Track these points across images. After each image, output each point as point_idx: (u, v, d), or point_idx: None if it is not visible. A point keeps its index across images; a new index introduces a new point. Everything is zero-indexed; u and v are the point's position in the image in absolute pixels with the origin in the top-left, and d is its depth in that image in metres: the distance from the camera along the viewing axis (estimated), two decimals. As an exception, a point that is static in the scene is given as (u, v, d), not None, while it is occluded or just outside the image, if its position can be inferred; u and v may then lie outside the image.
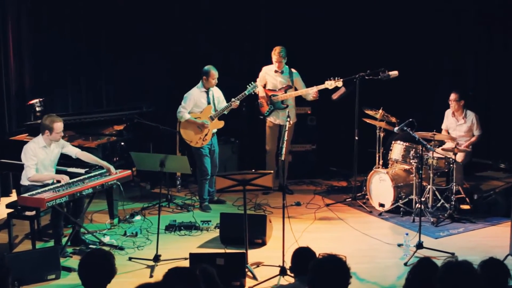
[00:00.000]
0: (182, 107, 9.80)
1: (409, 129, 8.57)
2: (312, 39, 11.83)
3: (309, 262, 4.57)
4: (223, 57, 11.57)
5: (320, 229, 9.10)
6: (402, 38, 11.81)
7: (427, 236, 8.50)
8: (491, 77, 11.87)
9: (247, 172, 7.47)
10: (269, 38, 11.45)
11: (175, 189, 10.93)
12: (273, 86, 10.50)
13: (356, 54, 11.54)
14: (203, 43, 11.82)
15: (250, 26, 11.97)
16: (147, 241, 8.51)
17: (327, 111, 11.57)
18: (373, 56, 11.35)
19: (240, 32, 11.95)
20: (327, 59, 11.63)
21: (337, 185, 11.51)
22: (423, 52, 11.84)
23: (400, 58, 11.28)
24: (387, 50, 11.60)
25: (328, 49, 11.80)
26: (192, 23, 11.77)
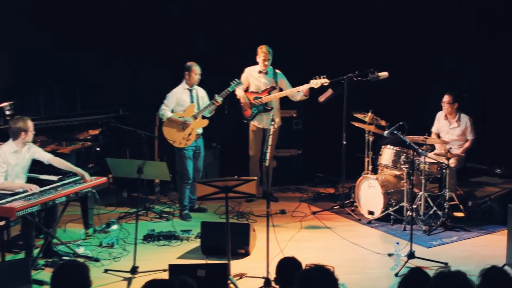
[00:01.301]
0: (165, 105, 9.80)
1: (400, 133, 8.57)
2: (297, 39, 11.84)
3: (295, 273, 4.56)
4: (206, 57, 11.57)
5: (307, 238, 9.09)
6: (392, 38, 11.86)
7: (419, 245, 8.52)
8: (486, 80, 11.95)
9: (230, 178, 7.44)
10: (252, 37, 11.44)
11: (153, 197, 10.90)
12: (256, 88, 10.50)
13: (344, 55, 11.55)
14: (186, 43, 11.83)
15: (231, 25, 11.98)
16: (124, 252, 8.47)
17: (313, 114, 11.58)
18: (362, 56, 11.37)
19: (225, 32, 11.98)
20: (313, 59, 11.65)
21: (324, 192, 11.53)
22: (414, 53, 11.89)
23: (390, 58, 11.30)
24: (377, 51, 11.63)
25: (314, 49, 11.82)
26: (171, 24, 11.77)
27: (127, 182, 10.70)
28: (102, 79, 11.61)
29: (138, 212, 8.47)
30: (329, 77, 10.01)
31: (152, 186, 10.90)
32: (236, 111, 10.74)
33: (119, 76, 11.62)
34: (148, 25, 11.63)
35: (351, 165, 10.34)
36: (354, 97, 10.08)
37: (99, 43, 11.51)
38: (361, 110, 10.06)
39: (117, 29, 11.53)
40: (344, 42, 11.82)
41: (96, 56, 11.55)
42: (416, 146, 8.54)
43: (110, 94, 11.52)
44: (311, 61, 11.60)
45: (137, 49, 11.62)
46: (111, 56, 11.56)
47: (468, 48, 11.98)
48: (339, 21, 11.88)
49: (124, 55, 11.58)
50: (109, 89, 11.56)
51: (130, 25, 11.56)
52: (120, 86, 11.62)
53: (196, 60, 9.94)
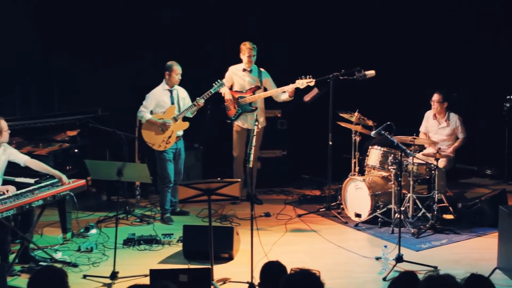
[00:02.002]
0: (144, 106, 9.75)
1: (387, 133, 8.58)
2: (282, 37, 11.85)
3: (280, 277, 4.55)
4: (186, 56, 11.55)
5: (292, 242, 9.08)
6: (379, 35, 11.90)
7: (407, 248, 8.53)
8: (476, 79, 12.01)
9: (212, 180, 7.42)
10: (234, 36, 11.43)
11: (134, 200, 10.88)
12: (240, 87, 10.49)
13: (330, 53, 11.57)
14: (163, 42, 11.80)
15: (214, 24, 11.97)
16: (104, 257, 8.43)
17: (298, 114, 11.59)
18: (348, 55, 11.39)
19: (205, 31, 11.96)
20: (298, 58, 11.66)
21: (309, 194, 11.54)
22: (402, 51, 11.92)
23: (377, 56, 11.34)
24: (363, 49, 11.66)
25: (299, 47, 11.83)
26: (152, 22, 11.75)
27: (106, 185, 10.69)
28: (80, 78, 11.57)
29: (118, 215, 8.43)
30: (314, 76, 10.00)
31: (132, 189, 10.87)
32: (219, 111, 10.73)
33: (98, 76, 11.55)
34: (129, 24, 11.60)
35: (337, 166, 10.36)
36: (340, 96, 10.07)
37: (76, 42, 11.47)
38: (348, 109, 10.06)
39: (96, 28, 11.50)
40: (330, 40, 11.85)
41: (74, 55, 11.51)
42: (404, 147, 8.56)
43: (89, 94, 11.47)
44: (296, 60, 11.62)
45: (117, 48, 11.58)
46: (89, 55, 11.52)
47: (453, 48, 12.06)
48: (325, 19, 11.91)
49: (103, 54, 11.54)
50: (87, 89, 11.51)
51: (110, 24, 11.52)
52: (99, 85, 11.55)
53: (177, 59, 9.91)
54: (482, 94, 12.07)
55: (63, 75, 11.63)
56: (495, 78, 11.97)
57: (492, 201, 9.50)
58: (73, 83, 11.60)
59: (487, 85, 12.02)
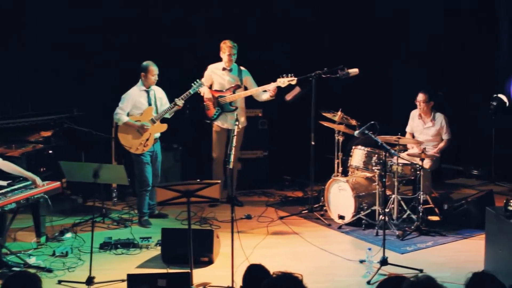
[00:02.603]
0: (120, 108, 9.68)
1: (371, 133, 8.58)
2: (263, 35, 11.85)
3: (262, 281, 4.54)
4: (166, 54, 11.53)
5: (274, 245, 9.08)
6: (363, 33, 11.92)
7: (392, 251, 8.55)
8: (461, 77, 12.06)
9: (192, 182, 7.41)
10: (214, 33, 11.42)
11: (110, 203, 10.83)
12: (220, 86, 10.48)
13: (312, 51, 11.58)
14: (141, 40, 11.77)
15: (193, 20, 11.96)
16: (79, 262, 8.37)
17: (280, 113, 11.60)
18: (331, 52, 11.41)
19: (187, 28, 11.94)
20: (279, 56, 11.66)
21: (291, 195, 11.54)
22: (386, 49, 11.96)
23: (360, 54, 11.36)
24: (346, 46, 11.68)
25: (280, 45, 11.83)
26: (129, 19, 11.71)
27: (82, 187, 10.65)
28: (55, 77, 11.49)
29: (94, 219, 8.39)
30: (296, 75, 10.00)
31: (109, 191, 10.81)
32: (198, 111, 10.71)
33: (73, 74, 11.50)
34: (105, 22, 11.55)
35: (320, 167, 10.35)
36: (322, 95, 10.08)
37: (52, 40, 11.42)
38: (330, 109, 10.07)
39: (72, 26, 11.44)
40: (312, 37, 11.86)
41: (48, 54, 11.44)
42: (389, 147, 8.56)
43: (64, 93, 11.39)
44: (277, 58, 11.61)
45: (93, 47, 11.54)
46: (65, 53, 11.46)
47: (438, 47, 12.13)
48: (307, 16, 11.92)
49: (79, 52, 11.48)
50: (62, 88, 11.43)
51: (86, 22, 11.48)
52: (74, 84, 11.50)
53: (154, 58, 9.87)
54: (468, 93, 12.11)
55: (37, 74, 11.54)
56: (482, 76, 12.03)
57: (479, 202, 9.52)
58: (47, 82, 11.52)
59: (474, 83, 12.07)
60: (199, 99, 10.51)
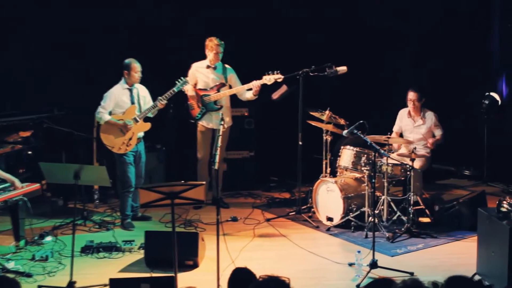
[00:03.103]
0: (102, 107, 9.64)
1: (360, 132, 8.57)
2: (248, 31, 11.84)
3: (248, 285, 4.53)
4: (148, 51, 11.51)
5: (260, 248, 9.07)
6: (351, 29, 11.93)
7: (382, 253, 8.55)
8: (453, 75, 12.10)
9: (176, 183, 7.39)
10: (197, 29, 11.40)
11: (92, 205, 10.80)
12: (204, 84, 10.46)
13: (299, 48, 11.58)
14: (126, 36, 11.75)
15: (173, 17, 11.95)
16: (60, 266, 8.34)
17: (266, 112, 11.60)
18: (318, 50, 11.40)
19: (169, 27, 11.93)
20: (265, 54, 11.66)
21: (278, 197, 11.55)
22: (375, 46, 11.97)
23: (349, 51, 11.36)
24: (334, 43, 11.68)
25: (266, 42, 11.83)
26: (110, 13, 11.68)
27: (62, 189, 10.59)
28: (34, 76, 11.45)
29: (75, 221, 8.36)
30: (283, 73, 9.99)
31: (90, 193, 10.78)
32: (182, 110, 10.69)
33: (53, 73, 11.46)
34: (85, 19, 11.52)
35: (307, 167, 10.36)
36: (310, 94, 10.08)
37: (30, 37, 11.37)
38: (318, 108, 10.07)
39: (51, 23, 11.40)
40: (299, 34, 11.85)
41: (27, 52, 11.40)
42: (378, 147, 8.56)
43: (44, 93, 11.36)
44: (263, 55, 11.61)
45: (72, 44, 11.49)
46: (44, 51, 11.42)
47: (426, 44, 12.18)
48: (294, 12, 11.91)
49: (59, 51, 11.44)
50: (42, 87, 11.39)
51: (66, 19, 11.44)
52: (54, 83, 11.45)
53: (136, 56, 9.85)
54: (460, 91, 12.14)
55: (16, 73, 11.50)
56: (474, 74, 12.06)
57: (471, 203, 9.53)
58: (26, 81, 11.48)
59: (465, 81, 12.11)
60: (183, 98, 10.48)
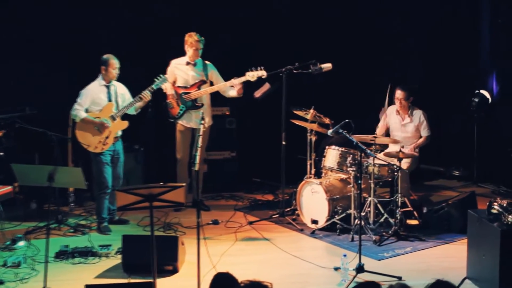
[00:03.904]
0: (78, 104, 9.62)
1: (346, 132, 8.58)
2: (230, 26, 11.85)
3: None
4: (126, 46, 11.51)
5: (242, 252, 9.09)
6: (336, 25, 11.97)
7: (368, 257, 8.57)
8: (442, 72, 12.15)
9: (154, 185, 7.39)
10: (178, 25, 11.41)
11: (67, 208, 10.78)
12: (184, 82, 10.47)
13: (283, 44, 11.60)
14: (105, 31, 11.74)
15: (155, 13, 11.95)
16: (33, 272, 8.31)
17: (248, 111, 11.61)
18: (303, 46, 11.43)
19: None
20: (247, 50, 11.67)
21: (261, 199, 11.58)
22: (361, 42, 12.01)
23: (334, 48, 11.39)
24: (319, 40, 11.71)
25: (249, 38, 11.84)
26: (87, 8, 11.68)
27: (36, 192, 10.57)
28: (5, 74, 11.41)
29: (49, 225, 8.36)
30: (266, 70, 9.99)
31: (65, 196, 10.77)
32: (160, 109, 10.68)
33: (25, 71, 11.42)
34: (60, 16, 11.50)
35: (291, 168, 10.37)
36: (294, 92, 10.10)
37: (2, 35, 11.35)
38: (302, 106, 10.09)
39: (21, 19, 11.38)
40: (283, 30, 11.87)
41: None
42: (364, 146, 8.56)
43: (15, 91, 11.33)
44: (245, 52, 11.62)
45: (45, 42, 11.47)
46: (16, 48, 11.39)
47: (414, 40, 12.25)
48: (278, 7, 11.93)
49: (31, 48, 11.41)
50: (13, 85, 11.36)
51: (40, 16, 11.43)
52: (27, 81, 11.42)
53: (114, 52, 9.84)
54: (448, 89, 12.19)
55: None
56: (463, 71, 12.12)
57: (461, 205, 9.57)
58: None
59: (454, 78, 12.16)
60: (162, 96, 10.48)
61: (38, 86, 11.39)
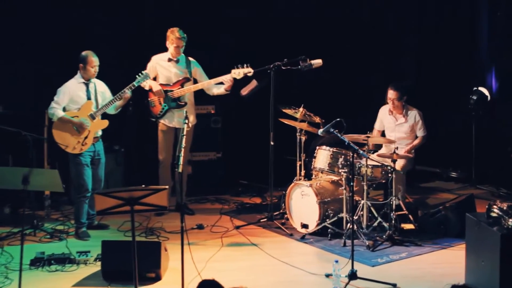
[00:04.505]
0: (55, 102, 9.56)
1: (337, 131, 8.57)
2: (215, 21, 11.84)
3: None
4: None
5: (229, 258, 9.06)
6: (326, 19, 11.97)
7: (361, 263, 8.57)
8: (438, 69, 12.16)
9: (136, 188, 7.36)
10: (158, 20, 11.40)
11: (43, 212, 10.73)
12: (166, 79, 10.44)
13: (271, 40, 11.59)
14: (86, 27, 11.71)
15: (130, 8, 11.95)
16: (6, 281, 8.26)
17: (234, 110, 11.62)
18: (291, 41, 11.42)
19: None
20: (234, 46, 11.66)
21: (249, 202, 11.58)
22: (353, 36, 12.01)
23: (324, 43, 11.39)
24: (309, 35, 11.71)
25: (235, 34, 11.84)
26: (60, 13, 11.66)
27: (9, 195, 10.50)
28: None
29: (24, 231, 8.31)
30: (253, 66, 9.98)
31: (41, 199, 10.71)
32: (142, 107, 10.65)
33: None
34: (34, 14, 11.47)
35: (280, 170, 10.37)
36: (283, 89, 10.09)
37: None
38: (292, 105, 10.08)
39: None
40: (271, 24, 11.86)
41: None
42: (357, 147, 8.57)
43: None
44: (231, 48, 11.60)
45: (20, 39, 11.42)
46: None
47: (409, 36, 12.26)
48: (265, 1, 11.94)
49: (3, 45, 11.37)
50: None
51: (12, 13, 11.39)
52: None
53: (75, 49, 9.80)
54: (445, 86, 12.20)
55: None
56: (460, 67, 12.13)
57: (458, 208, 9.57)
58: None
59: (451, 75, 12.17)
60: (143, 94, 10.44)
61: (11, 84, 11.35)
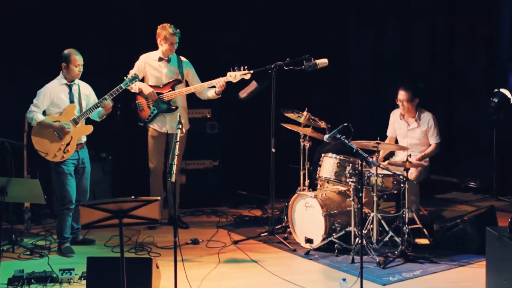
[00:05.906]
0: (34, 105, 9.54)
1: (344, 137, 8.61)
2: (211, 20, 11.90)
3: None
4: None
5: (226, 276, 9.08)
6: (327, 17, 12.03)
7: (371, 281, 8.58)
8: (454, 70, 12.21)
9: (125, 199, 7.42)
10: (149, 18, 11.47)
11: (22, 226, 10.76)
12: (156, 80, 10.47)
13: (271, 38, 11.64)
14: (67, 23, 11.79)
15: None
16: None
17: (232, 114, 11.63)
18: (294, 40, 11.47)
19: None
20: (232, 45, 11.71)
21: (248, 215, 11.62)
22: (356, 36, 12.08)
23: (330, 41, 11.44)
24: (313, 32, 11.76)
25: (233, 32, 11.89)
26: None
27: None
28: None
29: (1, 247, 8.36)
30: (252, 67, 9.96)
31: (20, 212, 10.74)
32: (131, 111, 10.67)
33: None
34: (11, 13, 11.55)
35: (282, 179, 10.40)
36: (285, 92, 10.12)
37: None
38: (295, 108, 10.11)
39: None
40: (271, 22, 11.92)
41: None
42: (366, 154, 8.58)
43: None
44: (228, 48, 11.65)
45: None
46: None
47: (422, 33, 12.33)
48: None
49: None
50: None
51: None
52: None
53: (55, 47, 9.86)
54: (462, 87, 12.23)
55: None
56: (479, 68, 12.16)
57: (478, 222, 9.56)
58: None
59: (470, 76, 12.19)
60: (132, 97, 10.48)
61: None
